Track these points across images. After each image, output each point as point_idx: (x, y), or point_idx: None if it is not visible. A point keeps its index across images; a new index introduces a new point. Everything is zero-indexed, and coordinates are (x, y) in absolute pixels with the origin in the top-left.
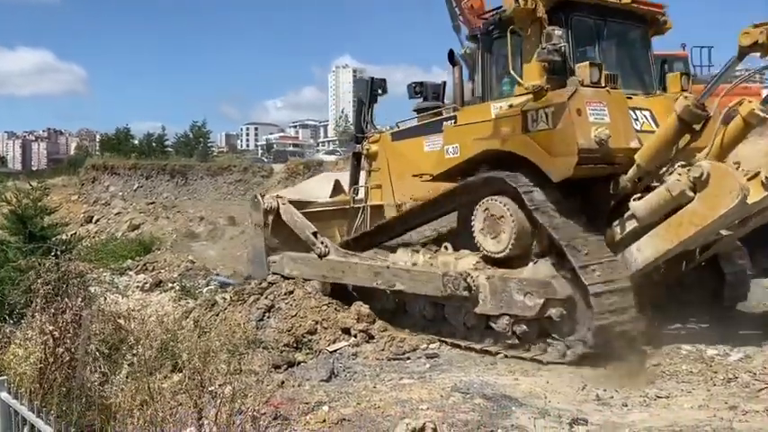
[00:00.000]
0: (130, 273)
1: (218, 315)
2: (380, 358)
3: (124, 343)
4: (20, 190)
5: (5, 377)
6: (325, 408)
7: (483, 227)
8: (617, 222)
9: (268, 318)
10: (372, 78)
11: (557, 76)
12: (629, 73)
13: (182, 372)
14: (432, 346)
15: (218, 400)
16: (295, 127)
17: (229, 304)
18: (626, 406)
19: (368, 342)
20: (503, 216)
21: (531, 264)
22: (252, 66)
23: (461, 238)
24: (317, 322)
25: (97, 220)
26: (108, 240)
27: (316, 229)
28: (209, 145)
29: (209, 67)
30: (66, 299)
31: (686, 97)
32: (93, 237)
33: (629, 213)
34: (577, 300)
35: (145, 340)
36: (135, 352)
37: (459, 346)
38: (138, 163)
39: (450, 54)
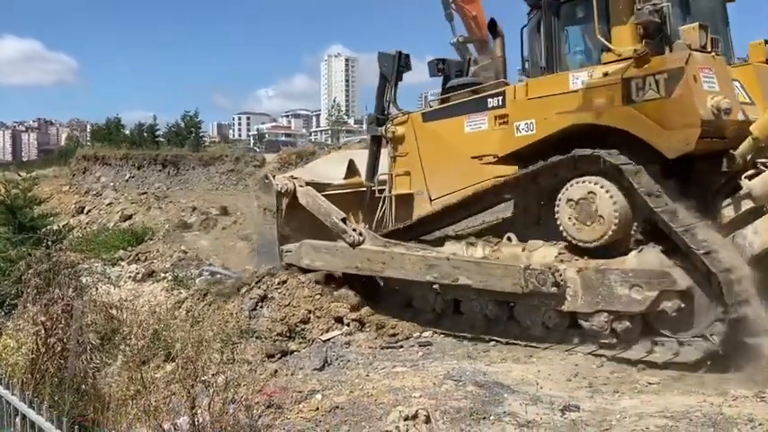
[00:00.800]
0: (122, 263)
1: (210, 305)
2: (373, 347)
3: (117, 333)
4: (9, 181)
5: None
6: (319, 396)
7: (572, 213)
8: (727, 203)
9: (261, 307)
10: (400, 52)
11: (655, 41)
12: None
13: (175, 361)
14: (425, 334)
15: (212, 390)
16: (287, 116)
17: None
18: (617, 392)
19: (361, 331)
20: (599, 199)
21: (634, 252)
22: (243, 55)
23: (523, 228)
24: (310, 311)
25: (89, 211)
26: (99, 231)
27: (344, 215)
28: (200, 135)
29: (200, 57)
30: (58, 289)
31: None
32: (85, 227)
33: (742, 192)
34: (696, 291)
35: (137, 330)
36: (128, 342)
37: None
38: (129, 153)
39: (492, 24)
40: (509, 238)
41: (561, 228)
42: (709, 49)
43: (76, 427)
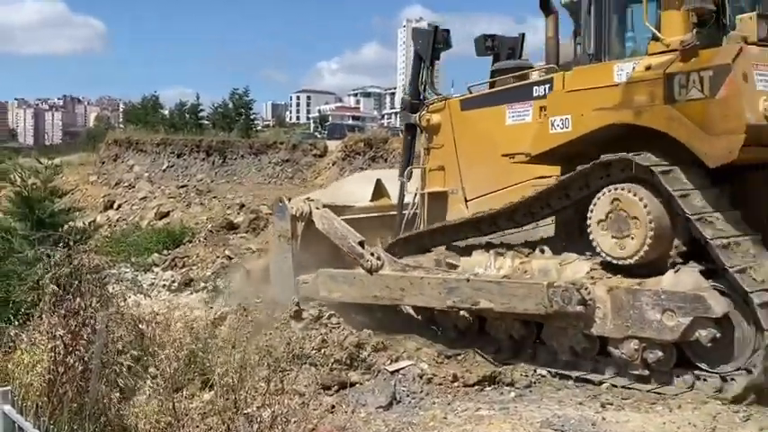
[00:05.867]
0: (156, 269)
1: (258, 323)
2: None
3: (146, 353)
4: (28, 168)
5: (9, 388)
6: None
7: (605, 225)
8: None
9: (316, 328)
10: (436, 28)
11: (708, 30)
12: None
13: (213, 389)
14: (520, 370)
15: (256, 426)
16: (355, 95)
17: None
18: None
19: (438, 363)
20: (635, 210)
21: (670, 272)
22: (301, 20)
23: (560, 239)
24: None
25: (119, 206)
26: (131, 230)
27: (362, 238)
28: (252, 117)
29: (250, 23)
30: (80, 298)
31: None
32: (114, 225)
33: None
34: (737, 318)
35: (171, 350)
36: (158, 364)
37: (568, 377)
38: (167, 138)
39: (545, 1)
40: (542, 250)
41: (593, 241)
42: None
43: None
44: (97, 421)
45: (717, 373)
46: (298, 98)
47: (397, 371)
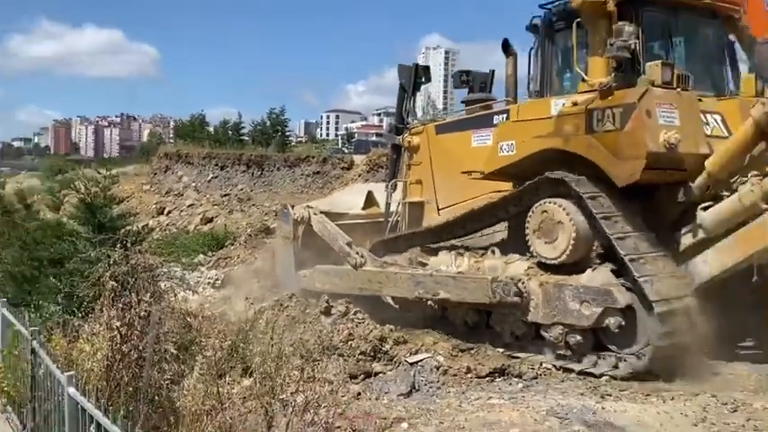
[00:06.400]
0: (202, 268)
1: (292, 318)
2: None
3: (193, 343)
4: (90, 178)
5: (73, 372)
6: (405, 425)
7: (538, 230)
8: (683, 231)
9: (343, 323)
10: (417, 65)
11: (624, 74)
12: (702, 73)
13: (252, 376)
14: (527, 363)
15: (290, 409)
16: (378, 114)
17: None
18: None
19: (453, 356)
20: (561, 220)
21: (589, 270)
22: (332, 47)
23: (509, 243)
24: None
25: (169, 212)
26: (179, 233)
27: (350, 239)
28: (287, 134)
29: (287, 50)
30: (135, 294)
31: (764, 103)
32: (165, 229)
33: (696, 223)
34: (638, 311)
35: (215, 341)
36: (204, 353)
37: (571, 371)
38: (212, 152)
39: (505, 44)
40: (493, 251)
41: (529, 243)
42: (675, 86)
43: None
44: (150, 403)
45: (618, 354)
46: (328, 117)
47: (417, 362)
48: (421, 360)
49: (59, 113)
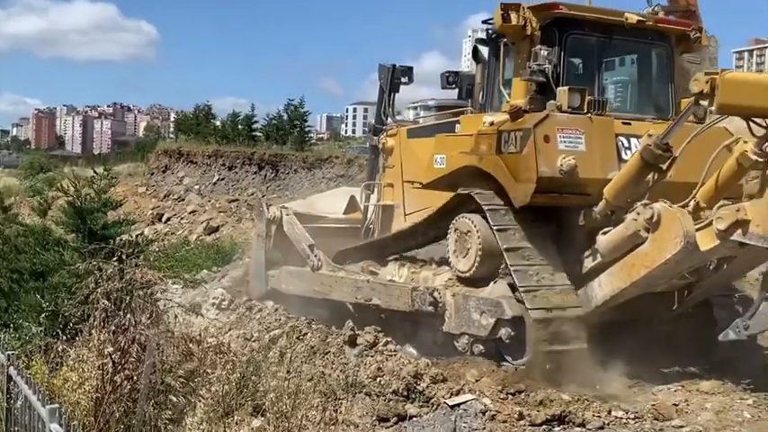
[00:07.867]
0: (205, 286)
1: (311, 348)
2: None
3: (196, 374)
4: (79, 178)
5: (57, 405)
6: None
7: (454, 244)
8: (586, 255)
9: (371, 355)
10: (394, 65)
11: (542, 97)
12: (639, 96)
13: (264, 416)
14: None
15: None
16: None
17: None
18: None
19: (502, 398)
20: (470, 234)
21: (492, 283)
22: (359, 28)
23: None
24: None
25: (167, 219)
26: (179, 244)
27: (313, 242)
28: (306, 130)
29: (308, 31)
30: (130, 315)
31: (650, 136)
32: (162, 239)
33: (594, 247)
34: (527, 321)
35: (221, 372)
36: (209, 386)
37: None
38: (219, 150)
39: (475, 50)
40: (430, 263)
41: (449, 258)
42: (585, 111)
43: None
44: None
45: (512, 364)
46: (354, 110)
47: (458, 405)
48: (463, 402)
49: (42, 102)
